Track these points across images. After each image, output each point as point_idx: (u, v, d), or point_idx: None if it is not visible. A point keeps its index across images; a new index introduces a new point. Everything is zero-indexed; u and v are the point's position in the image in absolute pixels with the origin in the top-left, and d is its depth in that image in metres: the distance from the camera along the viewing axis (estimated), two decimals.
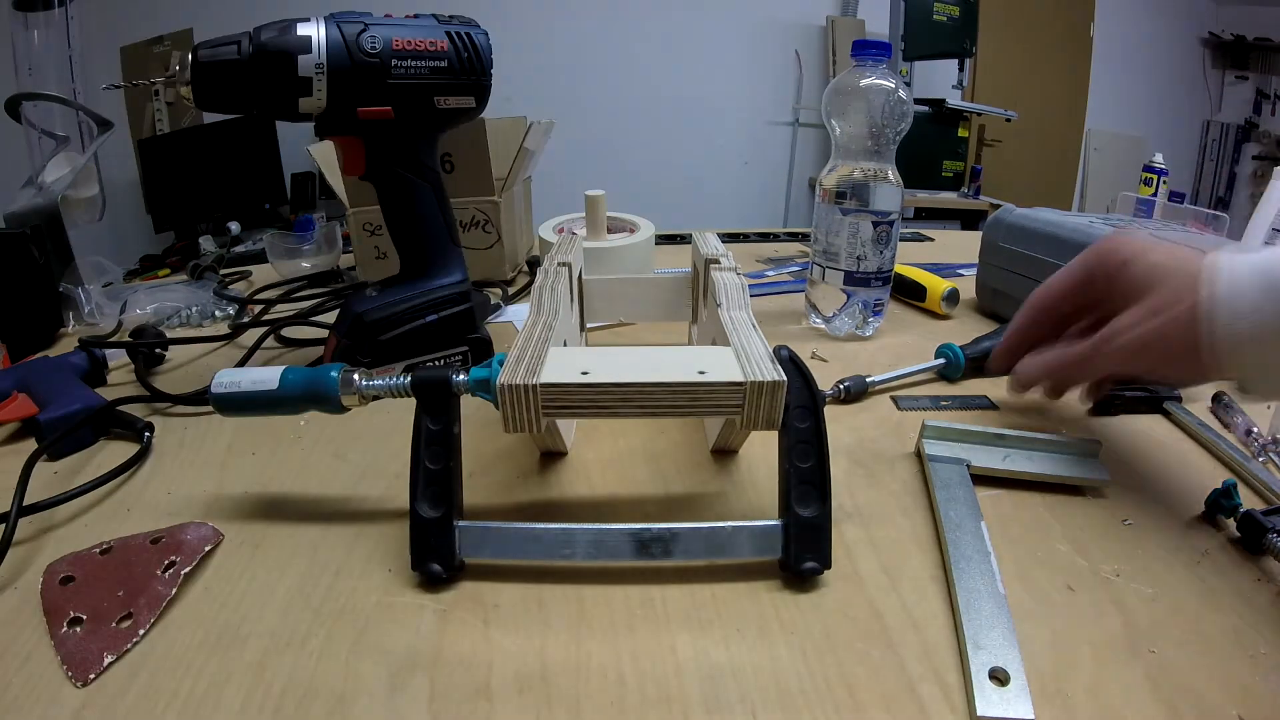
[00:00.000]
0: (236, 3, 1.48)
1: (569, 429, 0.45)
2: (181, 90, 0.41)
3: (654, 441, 0.45)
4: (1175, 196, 1.17)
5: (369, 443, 0.45)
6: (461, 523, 0.33)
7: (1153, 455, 0.45)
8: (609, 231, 0.69)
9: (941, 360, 0.55)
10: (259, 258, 0.87)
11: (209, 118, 2.26)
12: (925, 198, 2.63)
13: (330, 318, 0.59)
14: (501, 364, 0.31)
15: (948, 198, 2.69)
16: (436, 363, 0.52)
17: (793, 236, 1.03)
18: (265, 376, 0.36)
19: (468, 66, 0.46)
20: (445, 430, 0.33)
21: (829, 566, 0.33)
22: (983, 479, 0.41)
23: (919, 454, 0.44)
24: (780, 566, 0.33)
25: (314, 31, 0.42)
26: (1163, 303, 0.37)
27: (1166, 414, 0.50)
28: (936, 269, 0.76)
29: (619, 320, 0.64)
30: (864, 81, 0.57)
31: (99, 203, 0.71)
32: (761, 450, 0.44)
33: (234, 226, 2.24)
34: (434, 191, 0.49)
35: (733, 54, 2.72)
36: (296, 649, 0.29)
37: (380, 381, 0.35)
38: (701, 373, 0.30)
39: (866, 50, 0.58)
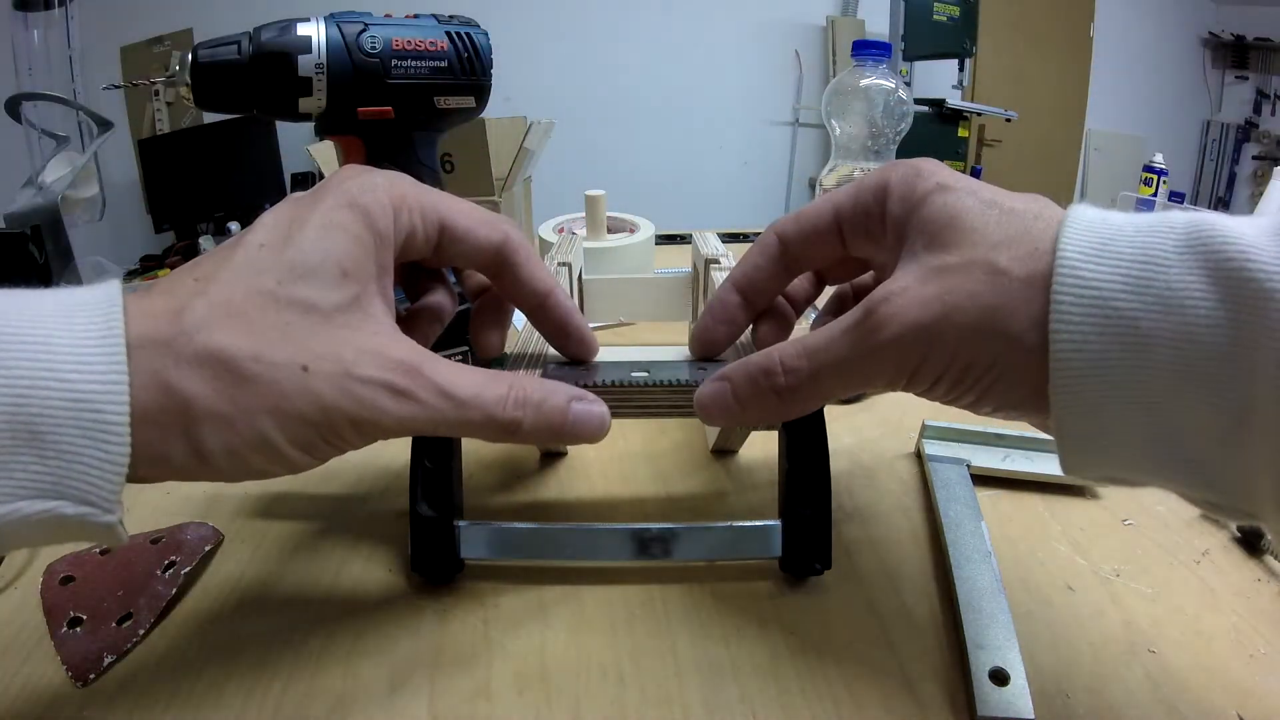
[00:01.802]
0: (236, 3, 1.48)
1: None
2: (181, 90, 0.41)
3: (654, 441, 0.45)
4: (1175, 196, 1.17)
5: None
6: (461, 523, 0.33)
7: None
8: (609, 231, 0.69)
9: None
10: None
11: (209, 118, 2.26)
12: None
13: None
14: (501, 364, 0.31)
15: None
16: None
17: None
18: None
19: (468, 67, 0.46)
20: None
21: (829, 566, 0.33)
22: (983, 479, 0.41)
23: (919, 454, 0.44)
24: (780, 566, 0.33)
25: (314, 31, 0.42)
26: (987, 256, 0.22)
27: None
28: None
29: (619, 320, 0.64)
30: (864, 81, 0.57)
31: (99, 203, 0.71)
32: (761, 450, 0.44)
33: (234, 226, 2.23)
34: None
35: (733, 54, 2.72)
36: (296, 649, 0.29)
37: None
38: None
39: (866, 50, 0.58)
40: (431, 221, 0.27)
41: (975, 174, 2.72)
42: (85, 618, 0.30)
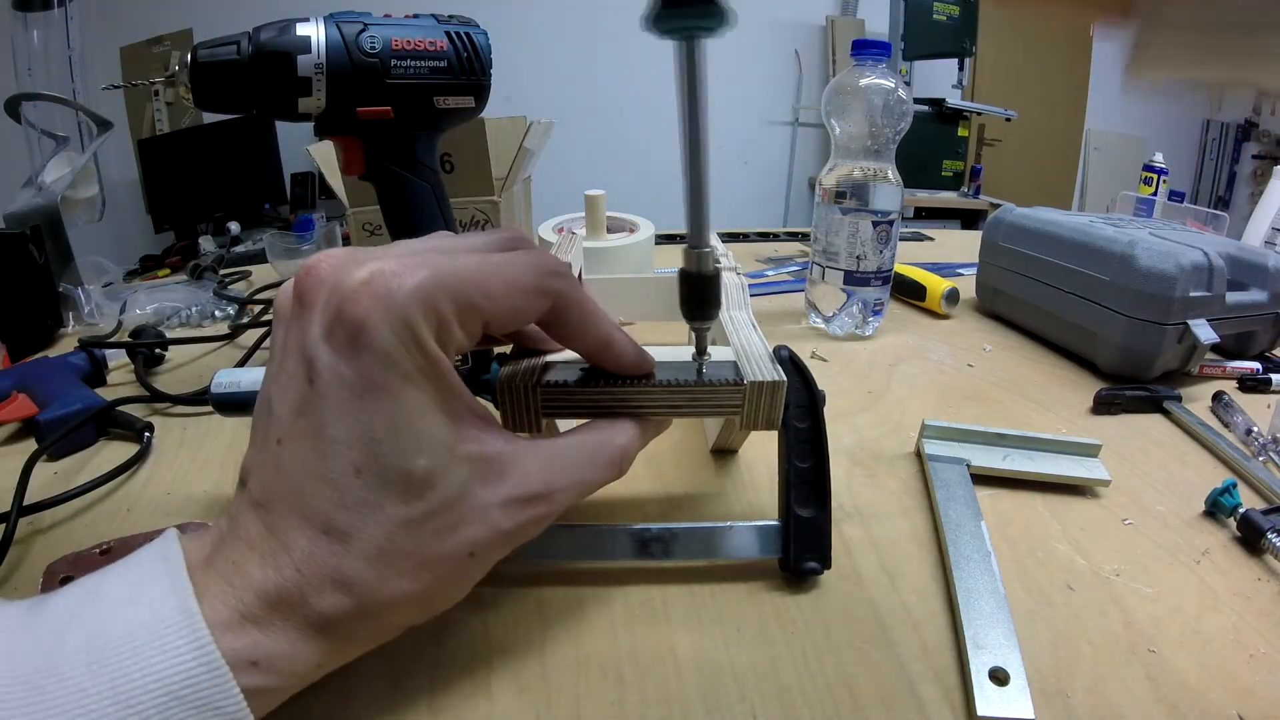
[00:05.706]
0: (236, 3, 1.48)
1: (569, 429, 0.45)
2: (181, 90, 0.41)
3: (654, 441, 0.45)
4: (1175, 196, 1.17)
5: None
6: None
7: (1153, 455, 0.45)
8: (609, 231, 0.69)
9: None
10: (259, 258, 0.87)
11: (209, 118, 2.27)
12: (925, 197, 2.63)
13: None
14: (501, 364, 0.31)
15: (948, 197, 2.69)
16: None
17: (793, 236, 1.04)
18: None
19: (467, 66, 0.46)
20: None
21: (829, 566, 0.33)
22: (983, 479, 0.41)
23: (919, 454, 0.44)
24: (780, 566, 0.33)
25: (313, 31, 0.42)
26: None
27: (1166, 414, 0.50)
28: (936, 269, 0.76)
29: (619, 320, 0.64)
30: (864, 81, 0.57)
31: (99, 203, 0.71)
32: (761, 450, 0.44)
33: (234, 226, 2.24)
34: (434, 191, 0.49)
35: (733, 54, 2.72)
36: None
37: None
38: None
39: (866, 50, 0.58)
40: (472, 322, 0.24)
41: (975, 173, 2.72)
42: None
